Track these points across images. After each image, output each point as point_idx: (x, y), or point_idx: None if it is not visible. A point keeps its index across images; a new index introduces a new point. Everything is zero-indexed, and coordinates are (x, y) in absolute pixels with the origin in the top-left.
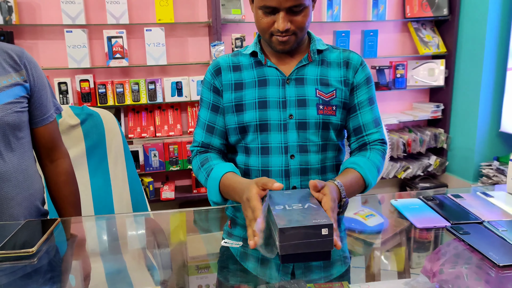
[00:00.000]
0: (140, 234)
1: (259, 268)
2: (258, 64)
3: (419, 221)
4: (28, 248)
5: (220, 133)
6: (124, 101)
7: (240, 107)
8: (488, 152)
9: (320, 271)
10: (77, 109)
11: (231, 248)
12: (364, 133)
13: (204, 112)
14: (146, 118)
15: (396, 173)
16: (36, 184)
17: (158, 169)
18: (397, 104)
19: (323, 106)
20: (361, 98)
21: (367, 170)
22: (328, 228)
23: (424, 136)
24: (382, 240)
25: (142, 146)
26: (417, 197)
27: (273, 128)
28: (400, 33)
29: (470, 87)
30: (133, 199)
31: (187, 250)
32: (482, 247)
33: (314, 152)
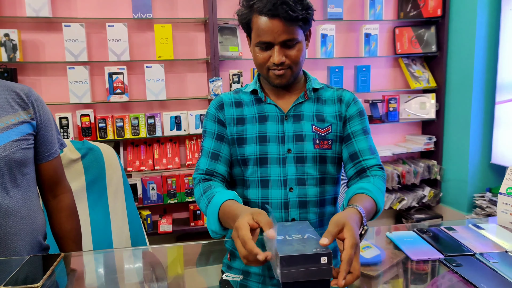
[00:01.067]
0: (140, 268)
1: None
2: (258, 101)
3: (414, 253)
4: (33, 283)
5: (225, 161)
6: (123, 135)
7: (241, 140)
8: (480, 184)
9: None
10: (78, 144)
11: (231, 281)
12: (361, 158)
13: (208, 142)
14: (145, 152)
15: (391, 204)
16: (39, 219)
17: (156, 202)
18: (390, 136)
19: (319, 141)
20: (354, 128)
21: (377, 195)
22: (327, 257)
23: (418, 167)
24: (379, 272)
25: (140, 179)
26: (412, 229)
27: (273, 161)
28: (392, 68)
29: (461, 120)
30: (132, 233)
31: (186, 284)
32: (474, 279)
33: (312, 185)
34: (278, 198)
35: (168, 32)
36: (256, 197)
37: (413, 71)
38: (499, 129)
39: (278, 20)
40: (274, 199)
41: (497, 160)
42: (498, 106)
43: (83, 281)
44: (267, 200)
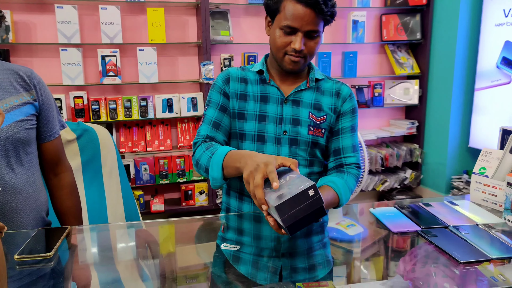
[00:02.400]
0: (139, 242)
1: (251, 270)
2: (262, 82)
3: (394, 226)
4: (46, 252)
5: (225, 131)
6: (116, 117)
7: (242, 115)
8: (458, 166)
9: (305, 272)
10: (73, 125)
11: (225, 252)
12: (342, 155)
13: (211, 111)
14: (138, 133)
15: (374, 186)
16: (42, 196)
17: (148, 183)
18: (375, 121)
19: (313, 128)
20: (344, 125)
21: (343, 191)
22: (313, 189)
23: (401, 151)
24: (362, 248)
25: (133, 160)
26: (393, 205)
27: (269, 140)
28: (378, 55)
29: (442, 106)
30: (126, 211)
31: (184, 256)
32: (447, 248)
33: (303, 165)
34: None
35: (160, 16)
36: None
37: (398, 58)
38: (477, 115)
39: (311, 10)
40: None
41: (475, 144)
42: (477, 92)
43: (88, 252)
44: None
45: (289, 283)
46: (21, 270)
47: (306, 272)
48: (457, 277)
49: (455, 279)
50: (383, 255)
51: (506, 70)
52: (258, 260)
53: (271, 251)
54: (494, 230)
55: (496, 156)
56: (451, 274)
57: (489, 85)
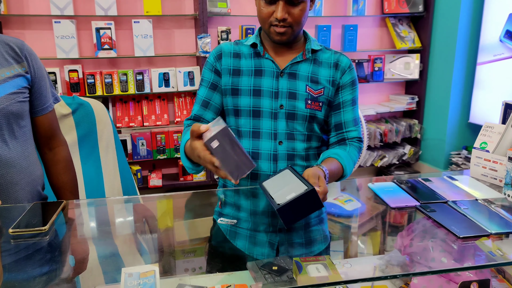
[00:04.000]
0: (136, 217)
1: (248, 245)
2: (256, 55)
3: (393, 201)
4: (41, 226)
5: (214, 109)
6: (112, 91)
7: (236, 91)
8: (457, 142)
9: (302, 247)
10: (68, 99)
11: (222, 228)
12: (344, 130)
13: (202, 90)
14: (134, 108)
15: (373, 161)
16: (37, 171)
17: (145, 158)
18: (374, 96)
19: (311, 101)
20: (345, 98)
21: (346, 162)
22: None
23: (400, 126)
24: (359, 223)
25: (130, 135)
26: (392, 180)
27: (265, 115)
28: (379, 28)
29: (443, 81)
30: (123, 186)
31: (180, 230)
32: (445, 222)
33: (300, 140)
34: (268, 150)
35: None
36: (247, 147)
37: (399, 31)
38: (478, 90)
39: None
40: (264, 150)
41: (475, 119)
42: (479, 67)
43: (85, 226)
44: (258, 150)
45: (286, 258)
46: (17, 244)
47: (303, 247)
48: (455, 251)
49: (453, 254)
50: (380, 230)
51: (509, 44)
52: (255, 235)
53: (268, 226)
54: (493, 205)
55: (498, 131)
56: (449, 249)
57: (491, 59)
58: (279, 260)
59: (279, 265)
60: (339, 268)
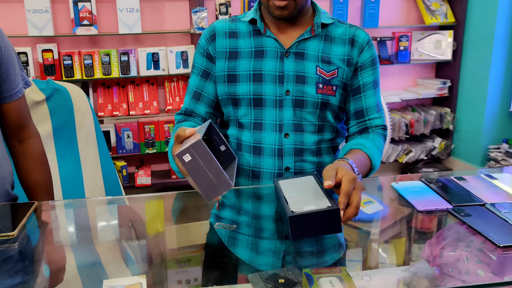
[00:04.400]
0: (119, 221)
1: (249, 254)
2: (256, 33)
3: (421, 203)
4: (9, 231)
5: (207, 101)
6: (93, 74)
7: (232, 77)
8: (497, 134)
9: (313, 257)
10: (42, 84)
11: (219, 233)
12: (366, 117)
13: (194, 79)
14: (118, 94)
15: (397, 157)
16: (5, 166)
17: (132, 152)
18: (399, 80)
19: (322, 85)
20: (366, 80)
21: (373, 152)
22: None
23: (429, 116)
24: (381, 228)
25: (114, 125)
26: (419, 179)
27: (268, 103)
28: (405, 1)
29: (480, 62)
30: (106, 184)
31: (172, 237)
32: (483, 229)
33: (310, 132)
34: (271, 144)
35: None
36: (248, 140)
37: (429, 4)
38: None
39: None
40: (267, 144)
41: None
42: None
43: (62, 231)
44: (260, 144)
45: (294, 269)
46: None
47: (314, 256)
48: (494, 263)
49: (492, 266)
50: (405, 237)
51: None
52: (258, 242)
53: (273, 232)
54: None
55: None
56: (487, 260)
57: None
58: (286, 272)
59: (286, 278)
60: (357, 281)
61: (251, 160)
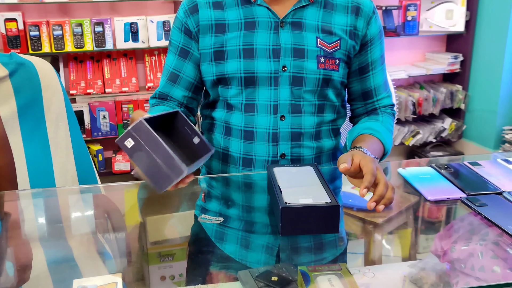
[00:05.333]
0: (95, 211)
1: (239, 250)
2: (245, 2)
3: (431, 192)
4: None
5: (184, 84)
6: (63, 47)
7: (220, 54)
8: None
9: (311, 254)
10: (4, 57)
11: (205, 227)
12: (374, 98)
13: (170, 58)
14: (93, 70)
15: (403, 139)
16: None
17: (108, 135)
18: (406, 54)
19: (324, 59)
20: (375, 56)
21: (385, 136)
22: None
23: (438, 94)
24: (385, 219)
25: (87, 105)
26: (429, 165)
27: (262, 82)
28: None
29: (495, 34)
30: (79, 172)
31: (153, 230)
32: (500, 220)
33: (309, 113)
34: (265, 128)
35: None
36: (239, 124)
37: None
38: None
39: None
40: (261, 128)
41: None
42: None
43: (28, 224)
44: (252, 128)
45: (289, 266)
46: None
47: (312, 253)
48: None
49: (509, 262)
50: (413, 229)
51: None
52: (249, 237)
53: (266, 226)
54: None
55: None
56: (504, 255)
57: None
58: (280, 269)
59: (279, 275)
60: (358, 278)
61: (242, 146)
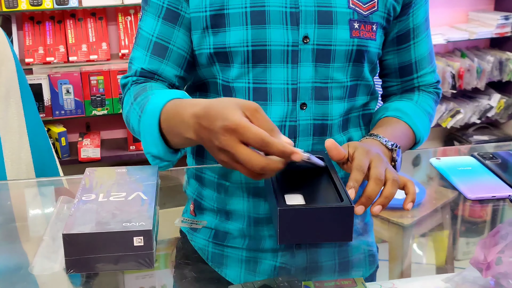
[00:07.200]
0: (56, 210)
1: (243, 274)
2: None
3: (471, 188)
4: None
5: (176, 58)
6: (16, 5)
7: (219, 19)
8: None
9: (335, 274)
10: None
11: (196, 246)
12: (414, 75)
13: (150, 23)
14: (53, 33)
15: (440, 120)
16: None
17: (74, 114)
18: (445, 13)
19: (359, 24)
20: (418, 20)
21: (416, 120)
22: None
23: (484, 63)
24: (415, 219)
25: (47, 76)
26: (470, 154)
27: (275, 57)
28: None
29: None
30: (36, 160)
31: None
32: None
33: (339, 98)
34: (281, 119)
35: None
36: None
37: None
38: None
39: None
40: (274, 120)
41: None
42: None
43: None
44: None
45: (292, 280)
46: None
47: (336, 273)
48: None
49: None
50: (448, 234)
51: None
52: (257, 258)
53: (275, 241)
54: None
55: None
56: None
57: None
58: (280, 283)
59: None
60: None
61: None
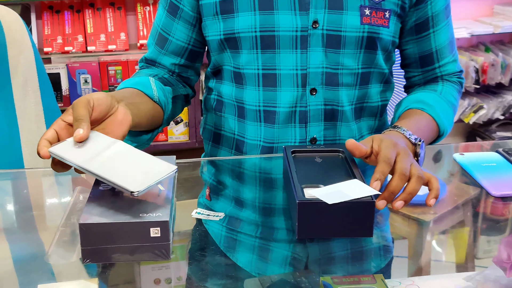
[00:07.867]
0: (73, 198)
1: (255, 262)
2: None
3: (496, 185)
4: None
5: (174, 48)
6: None
7: (228, 5)
8: None
9: (347, 265)
10: None
11: (211, 231)
12: (436, 64)
13: (159, 14)
14: (72, 23)
15: (462, 115)
16: None
17: None
18: (469, 6)
19: (370, 11)
20: (437, 8)
21: (440, 111)
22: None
23: (509, 58)
24: (436, 216)
25: (65, 66)
26: (494, 149)
27: (284, 43)
28: None
29: None
30: None
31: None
32: None
33: (349, 85)
34: (290, 106)
35: None
36: (255, 101)
37: None
38: None
39: None
40: (284, 106)
41: None
42: None
43: None
44: (273, 107)
45: (310, 274)
46: None
47: (349, 264)
48: None
49: None
50: (472, 232)
51: None
52: (270, 246)
53: (292, 232)
54: None
55: None
56: None
57: None
58: (297, 278)
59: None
60: None
61: (261, 131)
